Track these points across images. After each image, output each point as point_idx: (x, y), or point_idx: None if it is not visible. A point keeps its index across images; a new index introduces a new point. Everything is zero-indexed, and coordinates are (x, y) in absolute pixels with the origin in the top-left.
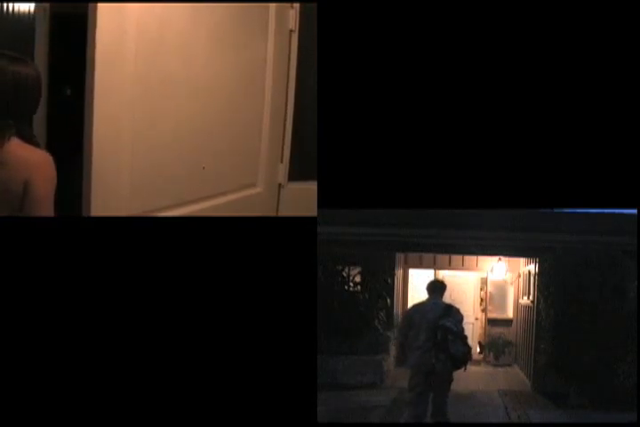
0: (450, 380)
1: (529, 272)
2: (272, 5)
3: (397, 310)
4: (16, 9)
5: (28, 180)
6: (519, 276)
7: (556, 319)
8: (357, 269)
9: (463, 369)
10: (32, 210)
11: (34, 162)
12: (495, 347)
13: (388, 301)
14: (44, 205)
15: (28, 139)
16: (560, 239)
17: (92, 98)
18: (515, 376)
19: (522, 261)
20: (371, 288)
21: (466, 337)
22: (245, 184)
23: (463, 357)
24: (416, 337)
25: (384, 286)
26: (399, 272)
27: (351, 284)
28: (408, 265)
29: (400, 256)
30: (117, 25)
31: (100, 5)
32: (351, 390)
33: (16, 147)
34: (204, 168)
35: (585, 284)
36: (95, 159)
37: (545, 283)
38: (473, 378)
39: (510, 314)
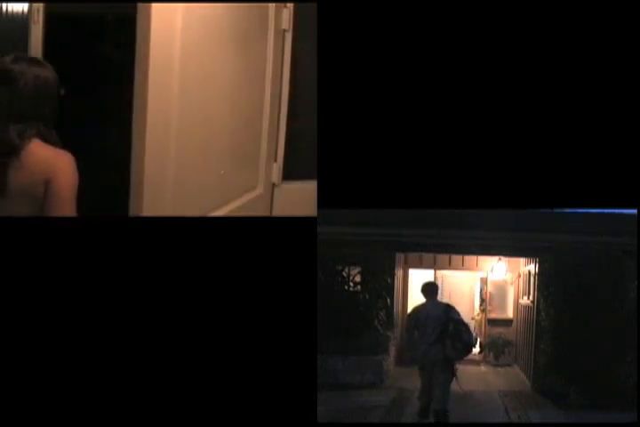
0: (455, 368)
1: (529, 272)
2: (271, 5)
3: (397, 310)
4: (10, 9)
5: (49, 180)
6: (519, 276)
7: (556, 319)
8: (357, 269)
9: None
10: (53, 211)
11: (54, 162)
12: (495, 347)
13: (388, 301)
14: (66, 206)
15: (50, 140)
16: (560, 239)
17: (145, 99)
18: (515, 376)
19: (522, 261)
20: (371, 288)
21: (470, 329)
22: (249, 187)
23: (471, 344)
24: (422, 334)
25: (384, 286)
26: (399, 272)
27: (351, 284)
28: (408, 265)
29: (400, 256)
30: (166, 25)
31: (153, 5)
32: (351, 390)
33: (37, 147)
34: (223, 173)
35: (585, 284)
36: (147, 162)
37: (545, 283)
38: (473, 378)
39: (510, 314)
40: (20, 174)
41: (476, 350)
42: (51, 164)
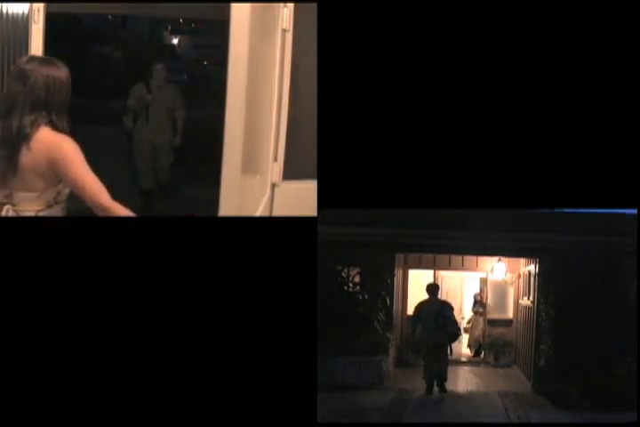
0: (448, 352)
1: (529, 273)
2: (279, 5)
3: (397, 310)
4: (10, 9)
5: (53, 158)
6: (519, 276)
7: (556, 320)
8: (357, 270)
9: (457, 342)
10: (73, 177)
11: (52, 142)
12: (495, 347)
13: (388, 301)
14: (81, 168)
15: (60, 127)
16: (560, 239)
17: (242, 102)
18: (515, 377)
19: (522, 261)
20: (370, 289)
21: (456, 321)
22: (262, 187)
23: (456, 333)
24: (424, 323)
25: (384, 286)
26: (399, 273)
27: (351, 284)
28: (408, 265)
29: (400, 256)
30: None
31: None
32: (351, 390)
33: (42, 133)
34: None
35: (585, 284)
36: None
37: (545, 283)
38: (473, 379)
39: (510, 314)
40: (29, 156)
41: (466, 351)
42: (49, 144)
